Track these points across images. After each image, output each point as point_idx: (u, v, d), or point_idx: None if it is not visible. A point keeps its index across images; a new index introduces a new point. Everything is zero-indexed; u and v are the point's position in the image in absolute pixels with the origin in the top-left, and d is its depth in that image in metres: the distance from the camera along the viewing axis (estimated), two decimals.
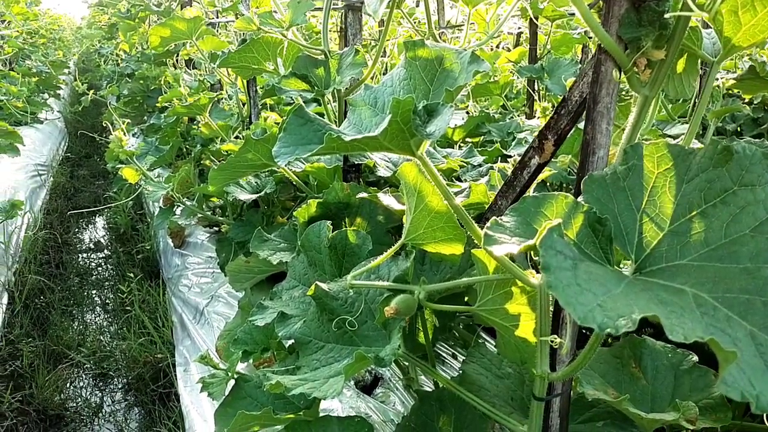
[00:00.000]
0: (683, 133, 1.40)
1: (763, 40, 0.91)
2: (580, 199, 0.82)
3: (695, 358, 1.15)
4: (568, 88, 1.08)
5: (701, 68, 1.22)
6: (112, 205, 5.20)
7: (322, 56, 1.87)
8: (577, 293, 0.64)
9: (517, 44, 4.04)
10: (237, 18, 3.15)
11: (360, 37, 1.93)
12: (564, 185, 2.12)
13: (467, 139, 3.14)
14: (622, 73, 0.92)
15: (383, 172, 1.93)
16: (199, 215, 3.17)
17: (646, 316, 0.62)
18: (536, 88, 3.24)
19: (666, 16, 0.81)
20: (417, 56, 1.08)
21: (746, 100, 2.91)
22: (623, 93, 1.26)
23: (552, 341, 0.95)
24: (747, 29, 0.87)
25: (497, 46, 4.87)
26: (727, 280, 0.68)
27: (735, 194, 0.72)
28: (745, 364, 0.60)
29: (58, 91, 9.15)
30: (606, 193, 0.80)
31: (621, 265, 0.84)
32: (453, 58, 1.04)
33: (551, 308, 0.96)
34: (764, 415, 1.04)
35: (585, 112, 0.95)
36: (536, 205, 0.82)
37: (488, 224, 0.81)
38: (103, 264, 4.61)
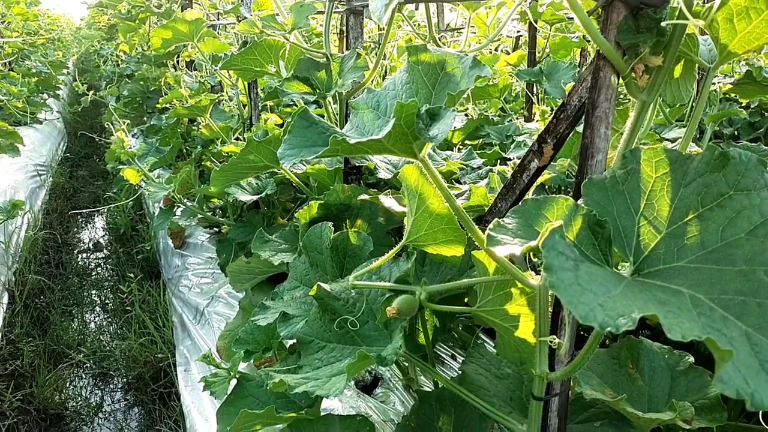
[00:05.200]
0: (680, 137, 1.42)
1: (759, 47, 0.92)
2: (580, 201, 0.84)
3: (691, 359, 1.17)
4: (567, 93, 1.10)
5: (698, 73, 1.24)
6: (112, 205, 5.21)
7: (324, 59, 1.89)
8: (578, 293, 0.65)
9: (516, 47, 4.06)
10: (238, 20, 3.17)
11: (361, 41, 1.95)
12: (563, 188, 2.14)
13: (466, 142, 3.16)
14: (620, 78, 0.94)
15: (384, 174, 1.95)
16: (200, 216, 3.18)
17: (645, 315, 0.64)
18: (535, 91, 3.26)
19: (662, 24, 0.83)
20: (419, 60, 1.09)
21: (743, 104, 2.93)
22: (621, 97, 1.28)
23: (551, 342, 0.96)
24: (742, 36, 0.89)
25: (496, 49, 4.90)
26: (722, 281, 0.70)
27: (731, 198, 0.74)
28: (740, 363, 0.61)
29: (57, 92, 9.16)
30: (605, 196, 0.82)
31: (620, 267, 0.86)
32: (455, 62, 1.05)
33: (550, 309, 0.98)
34: (759, 415, 1.06)
35: (584, 116, 0.97)
36: (537, 208, 0.84)
37: (491, 226, 0.83)
38: (102, 264, 4.62)
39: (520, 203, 0.86)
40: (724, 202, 0.75)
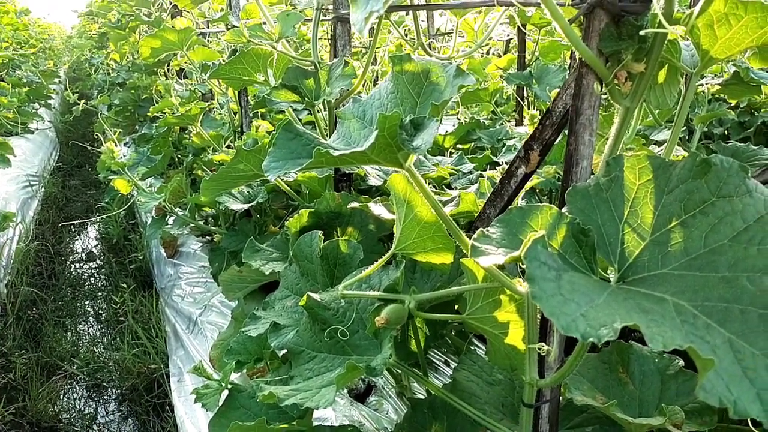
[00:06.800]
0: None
1: (740, 52, 0.93)
2: (564, 210, 0.84)
3: (681, 362, 1.17)
4: (552, 100, 1.10)
5: (683, 77, 1.25)
6: (105, 215, 5.19)
7: (312, 67, 1.89)
8: (560, 303, 0.65)
9: (506, 51, 4.07)
10: (227, 28, 3.17)
11: (349, 48, 1.95)
12: (554, 191, 2.14)
13: (458, 146, 3.17)
14: (604, 85, 0.94)
15: (374, 180, 1.95)
16: (192, 225, 3.17)
17: (627, 325, 0.64)
18: (525, 94, 3.26)
19: (642, 33, 0.83)
20: (404, 70, 1.09)
21: (732, 104, 2.95)
22: (607, 99, 1.28)
23: (540, 348, 0.96)
24: (723, 42, 0.89)
25: (487, 53, 4.91)
26: (706, 288, 0.70)
27: (713, 205, 0.74)
28: (723, 371, 0.61)
29: (48, 101, 9.12)
30: (589, 204, 0.82)
31: (608, 271, 0.86)
32: (439, 71, 1.05)
33: (538, 316, 0.98)
34: (749, 419, 1.06)
35: (568, 123, 0.97)
36: (522, 217, 0.84)
37: (475, 236, 0.83)
38: (95, 274, 4.60)
39: (505, 212, 0.86)
40: (706, 208, 0.75)
